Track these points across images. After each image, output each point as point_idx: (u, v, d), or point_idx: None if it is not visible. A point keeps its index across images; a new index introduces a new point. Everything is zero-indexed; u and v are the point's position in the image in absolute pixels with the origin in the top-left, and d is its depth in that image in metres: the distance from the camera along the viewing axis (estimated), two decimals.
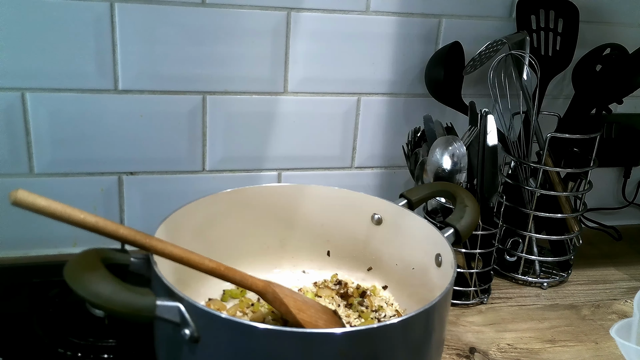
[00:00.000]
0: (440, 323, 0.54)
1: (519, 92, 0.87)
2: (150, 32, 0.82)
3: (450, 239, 0.63)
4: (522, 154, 0.89)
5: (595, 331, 0.79)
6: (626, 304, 0.87)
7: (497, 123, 0.85)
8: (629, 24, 1.02)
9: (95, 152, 0.85)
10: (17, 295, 0.74)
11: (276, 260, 0.77)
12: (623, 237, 1.09)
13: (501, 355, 0.73)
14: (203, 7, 0.83)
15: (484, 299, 0.84)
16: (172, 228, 0.61)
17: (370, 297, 0.73)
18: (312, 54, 0.90)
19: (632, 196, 1.16)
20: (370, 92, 0.95)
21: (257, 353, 0.46)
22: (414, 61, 0.95)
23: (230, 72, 0.87)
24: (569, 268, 0.94)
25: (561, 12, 0.92)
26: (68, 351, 0.64)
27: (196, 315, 0.47)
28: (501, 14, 0.96)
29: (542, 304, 0.86)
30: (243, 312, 0.69)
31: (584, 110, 0.90)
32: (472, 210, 0.66)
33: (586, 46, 0.93)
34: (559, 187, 0.90)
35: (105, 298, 0.45)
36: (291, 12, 0.87)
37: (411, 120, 0.96)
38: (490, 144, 0.81)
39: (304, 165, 0.96)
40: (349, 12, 0.89)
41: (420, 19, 0.92)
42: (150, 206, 0.90)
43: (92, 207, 0.87)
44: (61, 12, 0.78)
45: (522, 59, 0.86)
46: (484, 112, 0.82)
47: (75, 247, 0.88)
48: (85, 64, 0.81)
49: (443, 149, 0.80)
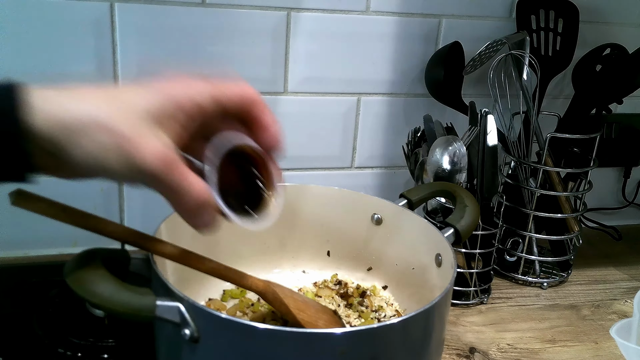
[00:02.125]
0: (440, 323, 0.54)
1: (519, 92, 0.87)
2: (150, 32, 0.82)
3: (450, 239, 0.63)
4: (522, 154, 0.89)
5: (595, 331, 0.79)
6: (626, 304, 0.87)
7: (497, 123, 0.85)
8: (629, 24, 1.02)
9: None
10: (17, 295, 0.74)
11: (276, 260, 0.77)
12: (623, 237, 1.09)
13: (501, 355, 0.73)
14: (203, 7, 0.83)
15: (484, 299, 0.84)
16: (172, 228, 0.61)
17: (370, 297, 0.73)
18: (312, 54, 0.90)
19: (632, 196, 1.16)
20: (370, 92, 0.95)
21: (257, 353, 0.46)
22: (414, 61, 0.95)
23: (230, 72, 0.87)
24: (569, 268, 0.94)
25: (561, 12, 0.92)
26: (68, 351, 0.64)
27: (196, 315, 0.47)
28: (501, 14, 0.96)
29: (542, 304, 0.86)
30: (243, 312, 0.69)
31: (584, 110, 0.90)
32: (472, 210, 0.66)
33: (586, 46, 0.93)
34: (559, 187, 0.90)
35: (105, 298, 0.45)
36: (291, 12, 0.87)
37: (411, 120, 0.96)
38: (490, 144, 0.81)
39: (304, 165, 0.96)
40: (349, 12, 0.89)
41: (420, 19, 0.92)
42: (150, 206, 0.90)
43: (92, 207, 0.87)
44: (61, 12, 0.78)
45: (522, 59, 0.86)
46: (484, 112, 0.82)
47: (75, 247, 0.88)
48: (85, 64, 0.81)
49: (443, 149, 0.80)
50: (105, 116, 0.39)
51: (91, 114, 0.39)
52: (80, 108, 0.39)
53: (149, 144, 0.39)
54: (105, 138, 0.39)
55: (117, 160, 0.39)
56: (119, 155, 0.39)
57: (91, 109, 0.39)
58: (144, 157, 0.39)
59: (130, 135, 0.39)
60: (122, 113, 0.39)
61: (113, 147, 0.39)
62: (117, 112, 0.39)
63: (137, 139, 0.39)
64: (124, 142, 0.39)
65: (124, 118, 0.39)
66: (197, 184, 0.42)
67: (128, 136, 0.39)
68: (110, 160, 0.39)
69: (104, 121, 0.39)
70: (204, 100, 0.43)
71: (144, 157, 0.39)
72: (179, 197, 0.42)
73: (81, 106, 0.39)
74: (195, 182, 0.42)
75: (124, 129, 0.39)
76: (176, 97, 0.42)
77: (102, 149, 0.39)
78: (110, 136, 0.39)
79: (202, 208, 0.43)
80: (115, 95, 0.41)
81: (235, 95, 0.45)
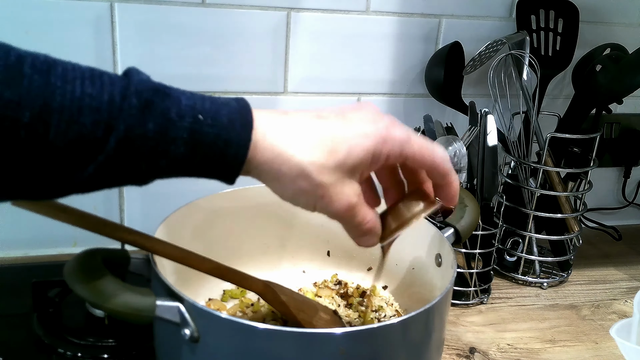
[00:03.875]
0: (440, 323, 0.54)
1: (519, 92, 0.87)
2: (150, 32, 0.82)
3: (450, 239, 0.63)
4: (522, 154, 0.89)
5: (595, 331, 0.79)
6: (626, 304, 0.87)
7: (497, 123, 0.85)
8: (629, 24, 1.02)
9: None
10: (17, 295, 0.74)
11: (276, 260, 0.77)
12: (623, 237, 1.09)
13: (501, 355, 0.73)
14: (203, 7, 0.83)
15: (484, 299, 0.84)
16: (172, 228, 0.61)
17: (370, 297, 0.73)
18: (312, 54, 0.90)
19: (632, 196, 1.16)
20: (370, 92, 0.95)
21: (257, 353, 0.46)
22: (414, 61, 0.95)
23: (230, 72, 0.87)
24: (569, 268, 0.94)
25: (561, 12, 0.92)
26: (68, 351, 0.64)
27: (196, 315, 0.47)
28: (501, 14, 0.96)
29: (542, 304, 0.86)
30: (243, 312, 0.69)
31: (584, 110, 0.90)
32: (472, 210, 0.66)
33: (586, 46, 0.93)
34: (559, 187, 0.90)
35: (105, 298, 0.45)
36: (291, 12, 0.87)
37: (411, 120, 0.96)
38: (490, 144, 0.81)
39: None
40: (349, 12, 0.89)
41: (420, 19, 0.92)
42: (150, 206, 0.90)
43: (92, 207, 0.87)
44: (61, 12, 0.78)
45: (522, 59, 0.86)
46: (484, 112, 0.82)
47: (75, 247, 0.88)
48: (85, 64, 0.81)
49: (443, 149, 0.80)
50: (313, 168, 0.42)
51: (301, 163, 0.41)
52: (294, 154, 0.41)
53: (343, 195, 0.43)
54: (307, 187, 0.42)
55: (308, 201, 0.43)
56: (313, 199, 0.43)
57: (302, 157, 0.41)
58: (335, 207, 0.43)
59: (328, 188, 0.42)
60: (326, 163, 0.42)
61: (311, 194, 0.43)
62: (322, 162, 0.42)
63: (332, 190, 0.43)
64: (321, 193, 0.42)
65: (327, 169, 0.42)
66: (369, 218, 0.46)
67: (326, 189, 0.42)
68: (302, 200, 0.43)
69: (309, 171, 0.42)
70: (395, 157, 0.45)
71: (335, 207, 0.43)
72: (354, 229, 0.47)
73: (295, 152, 0.41)
74: (368, 216, 0.46)
75: (325, 180, 0.42)
76: (375, 151, 0.43)
77: (301, 194, 0.43)
78: (311, 186, 0.42)
79: (369, 235, 0.47)
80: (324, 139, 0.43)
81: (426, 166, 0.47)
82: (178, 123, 0.38)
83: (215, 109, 0.40)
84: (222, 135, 0.40)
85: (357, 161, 0.43)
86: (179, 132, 0.38)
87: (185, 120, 0.39)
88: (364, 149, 0.43)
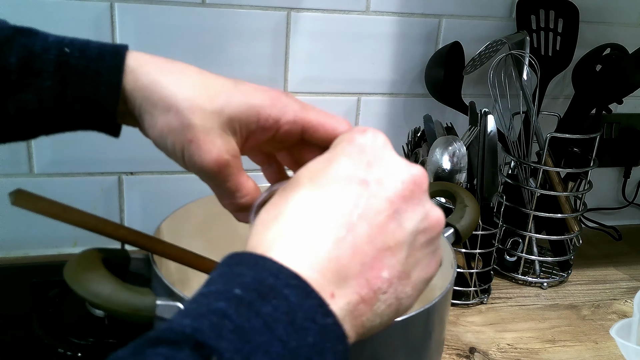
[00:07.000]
0: (440, 323, 0.54)
1: (519, 92, 0.87)
2: (150, 32, 0.82)
3: (450, 239, 0.63)
4: (522, 154, 0.89)
5: (595, 331, 0.79)
6: (626, 304, 0.87)
7: (497, 123, 0.85)
8: (629, 24, 1.02)
9: (95, 152, 0.85)
10: (17, 295, 0.74)
11: None
12: (623, 237, 1.09)
13: (501, 355, 0.73)
14: (203, 7, 0.83)
15: (484, 299, 0.84)
16: (172, 228, 0.61)
17: None
18: (312, 54, 0.90)
19: (632, 196, 1.16)
20: (370, 92, 0.95)
21: None
22: (414, 61, 0.95)
23: (230, 72, 0.87)
24: (569, 268, 0.94)
25: (561, 12, 0.92)
26: (68, 351, 0.64)
27: None
28: (501, 14, 0.96)
29: (542, 304, 0.86)
30: None
31: (584, 110, 0.90)
32: (472, 210, 0.66)
33: (586, 46, 0.93)
34: (559, 187, 0.90)
35: (105, 298, 0.45)
36: (291, 12, 0.87)
37: (411, 120, 0.96)
38: (490, 144, 0.81)
39: None
40: (349, 12, 0.89)
41: (420, 19, 0.92)
42: (150, 206, 0.90)
43: (92, 207, 0.87)
44: (61, 12, 0.78)
45: (522, 59, 0.86)
46: (484, 112, 0.82)
47: (75, 247, 0.88)
48: None
49: (443, 149, 0.80)
50: (186, 104, 0.39)
51: (175, 95, 0.39)
52: (169, 84, 0.39)
53: (214, 146, 0.39)
54: (176, 124, 0.39)
55: (175, 144, 0.40)
56: (181, 142, 0.39)
57: (177, 90, 0.39)
58: (202, 157, 0.39)
59: (198, 132, 0.39)
60: (202, 104, 0.39)
61: (179, 135, 0.39)
62: (198, 102, 0.39)
63: (203, 137, 0.39)
64: (190, 136, 0.39)
65: (202, 111, 0.39)
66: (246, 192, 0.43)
67: (196, 132, 0.39)
68: (169, 140, 0.40)
69: (182, 107, 0.39)
70: (287, 122, 0.41)
71: (202, 157, 0.39)
72: (226, 196, 0.43)
73: (170, 83, 0.39)
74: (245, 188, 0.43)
75: (197, 123, 0.39)
76: (260, 110, 0.40)
77: (169, 132, 0.39)
78: (181, 124, 0.39)
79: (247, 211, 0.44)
80: (206, 83, 0.40)
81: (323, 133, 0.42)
82: (43, 56, 0.37)
83: (84, 43, 0.39)
84: (92, 67, 0.38)
85: (237, 113, 0.40)
86: (44, 64, 0.37)
87: (50, 53, 0.38)
88: (246, 102, 0.40)
